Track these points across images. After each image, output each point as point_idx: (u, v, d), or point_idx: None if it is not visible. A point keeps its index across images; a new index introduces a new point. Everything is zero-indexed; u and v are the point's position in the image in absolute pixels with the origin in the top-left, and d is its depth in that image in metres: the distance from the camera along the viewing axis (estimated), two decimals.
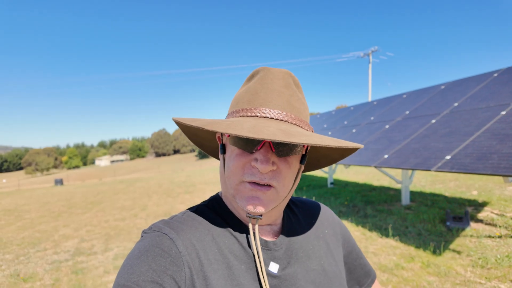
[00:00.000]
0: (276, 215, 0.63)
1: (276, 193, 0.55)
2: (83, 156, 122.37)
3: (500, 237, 3.98)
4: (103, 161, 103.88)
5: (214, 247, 0.56)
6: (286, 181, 0.56)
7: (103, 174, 45.58)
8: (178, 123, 0.56)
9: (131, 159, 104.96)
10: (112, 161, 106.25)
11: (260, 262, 0.56)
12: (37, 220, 7.96)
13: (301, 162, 0.60)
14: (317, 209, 0.78)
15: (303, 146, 0.58)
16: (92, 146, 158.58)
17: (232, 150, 0.56)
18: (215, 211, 0.63)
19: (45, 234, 6.22)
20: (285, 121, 0.55)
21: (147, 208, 8.49)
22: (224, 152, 0.59)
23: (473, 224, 4.55)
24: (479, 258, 3.42)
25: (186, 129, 0.64)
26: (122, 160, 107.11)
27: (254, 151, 0.54)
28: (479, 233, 4.15)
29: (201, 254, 0.54)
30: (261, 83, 0.58)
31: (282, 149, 0.54)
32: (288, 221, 0.68)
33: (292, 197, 0.76)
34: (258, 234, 0.57)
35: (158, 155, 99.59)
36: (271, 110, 0.55)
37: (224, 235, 0.59)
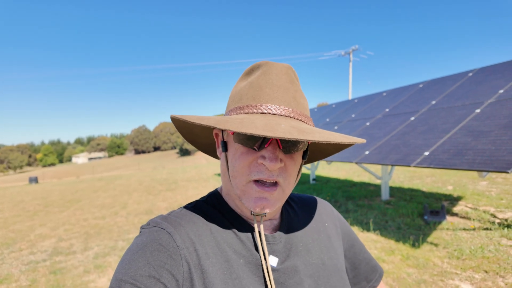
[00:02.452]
0: (276, 211, 0.64)
1: (282, 191, 0.56)
2: (59, 153, 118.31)
3: (474, 229, 4.16)
4: (80, 159, 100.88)
5: (212, 241, 0.56)
6: (291, 177, 0.57)
7: (81, 172, 44.24)
8: (178, 119, 0.54)
9: (110, 156, 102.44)
10: (90, 159, 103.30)
11: (265, 257, 0.56)
12: (11, 219, 7.64)
13: (303, 157, 0.60)
14: (315, 203, 0.77)
15: (308, 142, 0.58)
16: (68, 143, 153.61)
17: (236, 148, 0.56)
18: (214, 206, 0.63)
19: (20, 234, 5.99)
20: (292, 117, 0.55)
21: (127, 206, 8.32)
22: (226, 150, 0.58)
23: (449, 218, 4.73)
24: (454, 250, 3.57)
25: (182, 125, 0.62)
26: (100, 158, 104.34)
27: (261, 148, 0.53)
28: (455, 226, 4.33)
29: (199, 248, 0.54)
30: (265, 78, 0.57)
31: (289, 146, 0.54)
32: (287, 215, 0.68)
33: (292, 193, 0.76)
34: (263, 231, 0.58)
35: (137, 152, 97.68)
36: (278, 106, 0.54)
37: (223, 230, 0.59)
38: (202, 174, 15.69)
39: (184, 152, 67.02)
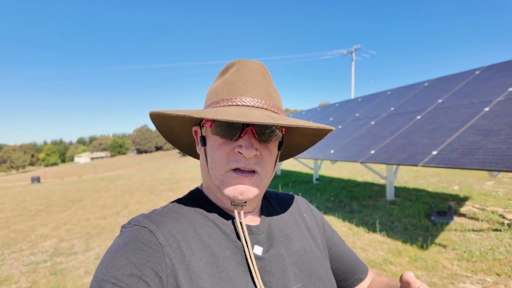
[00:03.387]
0: (256, 202, 0.66)
1: (260, 179, 0.58)
2: (61, 153, 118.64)
3: (483, 230, 4.07)
4: (82, 158, 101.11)
5: (196, 237, 0.56)
6: (268, 166, 0.59)
7: (83, 172, 44.32)
8: (156, 115, 0.57)
9: (112, 156, 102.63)
10: (92, 158, 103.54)
11: (247, 245, 0.57)
12: (12, 219, 7.60)
13: (278, 149, 0.64)
14: (292, 198, 0.81)
15: (281, 132, 0.61)
16: (71, 143, 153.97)
17: (214, 140, 0.58)
18: (195, 202, 0.64)
19: (21, 234, 5.93)
20: (265, 108, 0.58)
21: (129, 205, 8.26)
22: (204, 144, 0.61)
23: (456, 218, 4.64)
24: (464, 252, 3.48)
25: (162, 123, 0.64)
26: (102, 157, 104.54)
27: (237, 138, 0.56)
28: (463, 227, 4.24)
29: (183, 244, 0.54)
30: (238, 74, 0.60)
31: (264, 136, 0.57)
32: (266, 209, 0.71)
33: (268, 190, 0.79)
34: (244, 220, 0.59)
35: (139, 152, 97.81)
36: (252, 99, 0.58)
37: (206, 224, 0.59)
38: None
39: None
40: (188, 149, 0.78)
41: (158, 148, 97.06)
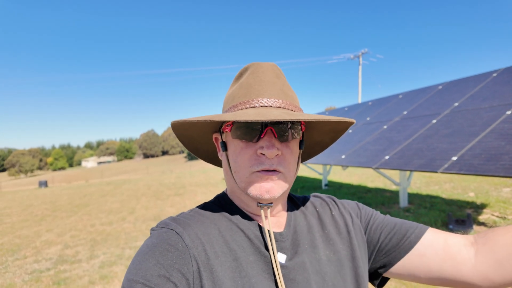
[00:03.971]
0: (281, 204, 0.64)
1: (284, 178, 0.58)
2: (69, 157, 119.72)
3: None
4: (89, 163, 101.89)
5: (221, 240, 0.56)
6: (290, 165, 0.59)
7: (90, 176, 44.56)
8: (177, 124, 0.58)
9: (119, 160, 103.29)
10: (99, 163, 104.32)
11: (273, 248, 0.56)
12: (18, 224, 7.54)
13: (300, 148, 0.63)
14: (319, 198, 0.77)
15: (301, 130, 0.61)
16: (78, 147, 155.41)
17: (235, 145, 0.58)
18: (221, 207, 0.64)
19: (26, 240, 5.84)
20: (283, 107, 0.58)
21: (135, 211, 8.15)
22: (226, 150, 0.61)
23: (476, 227, 4.42)
24: None
25: (183, 133, 0.65)
26: (109, 162, 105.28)
27: (258, 139, 0.56)
28: None
29: (208, 247, 0.54)
30: (253, 76, 0.61)
31: (284, 134, 0.57)
32: (292, 213, 0.68)
33: (292, 194, 0.76)
34: (270, 221, 0.59)
35: (146, 156, 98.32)
36: (268, 99, 0.58)
37: (231, 228, 0.59)
38: (210, 179, 15.51)
39: (192, 157, 67.08)
40: (210, 157, 0.77)
41: (164, 153, 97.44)
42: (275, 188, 0.56)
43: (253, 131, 0.56)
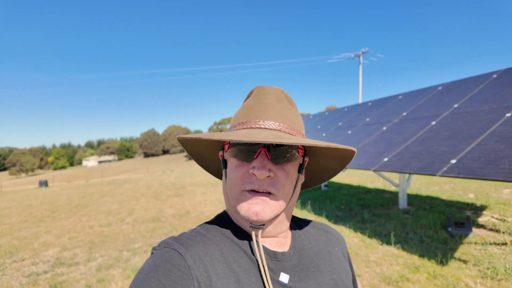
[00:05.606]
0: (281, 227, 0.63)
1: (276, 199, 0.57)
2: (69, 156, 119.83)
3: (505, 244, 3.82)
4: (90, 162, 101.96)
5: (223, 261, 0.56)
6: (285, 188, 0.58)
7: (90, 175, 44.58)
8: (182, 141, 0.61)
9: (119, 159, 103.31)
10: (100, 162, 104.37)
11: (264, 269, 0.56)
12: (17, 225, 7.53)
13: (299, 171, 0.62)
14: (325, 227, 0.79)
15: (299, 154, 0.61)
16: (79, 146, 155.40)
17: (232, 163, 0.59)
18: (222, 226, 0.64)
19: (24, 242, 5.83)
20: (279, 130, 0.58)
21: (134, 212, 8.13)
22: (225, 167, 0.62)
23: (475, 230, 4.39)
24: (487, 268, 3.25)
25: (191, 149, 0.67)
26: (110, 161, 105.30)
27: (252, 160, 0.56)
28: (484, 240, 3.99)
29: (210, 268, 0.54)
30: (255, 99, 0.62)
31: (277, 157, 0.56)
32: (298, 236, 0.69)
33: (297, 217, 0.78)
34: (261, 243, 0.58)
35: (147, 155, 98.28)
36: (265, 121, 0.59)
37: (233, 249, 0.59)
38: (210, 179, 15.49)
39: None
40: (219, 174, 0.78)
41: (165, 152, 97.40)
42: (265, 210, 0.56)
43: (248, 152, 0.57)
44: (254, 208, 0.55)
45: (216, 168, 0.77)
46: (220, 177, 0.79)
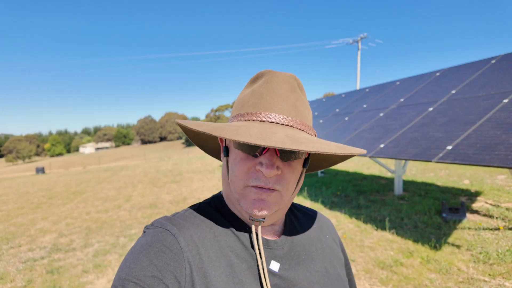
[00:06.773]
0: (278, 216, 0.63)
1: (280, 196, 0.56)
2: (66, 143, 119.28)
3: (498, 229, 3.86)
4: (87, 149, 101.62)
5: (216, 245, 0.56)
6: (290, 185, 0.56)
7: (88, 162, 44.52)
8: (182, 127, 0.57)
9: (116, 146, 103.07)
10: (97, 149, 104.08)
11: (262, 262, 0.56)
12: (14, 212, 7.53)
13: (303, 166, 0.61)
14: (318, 215, 0.78)
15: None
16: (76, 133, 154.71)
17: (236, 154, 0.57)
18: (217, 210, 0.63)
19: (21, 228, 5.84)
20: (291, 126, 0.55)
21: (131, 198, 8.15)
22: (227, 155, 0.59)
23: (469, 215, 4.44)
24: (480, 253, 3.29)
25: (189, 130, 0.64)
26: (107, 148, 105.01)
27: (259, 155, 0.54)
28: (477, 225, 4.03)
29: (202, 251, 0.54)
30: (266, 87, 0.58)
31: (287, 154, 0.54)
32: (290, 223, 0.68)
33: (294, 203, 0.77)
34: (260, 236, 0.57)
35: (144, 142, 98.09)
36: (277, 115, 0.55)
37: (226, 233, 0.59)
38: (207, 165, 15.51)
39: (190, 143, 66.97)
40: (215, 153, 0.77)
41: (162, 139, 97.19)
42: (268, 206, 0.55)
43: (256, 146, 0.53)
44: (258, 204, 0.54)
45: (211, 148, 0.75)
46: (215, 156, 0.77)
